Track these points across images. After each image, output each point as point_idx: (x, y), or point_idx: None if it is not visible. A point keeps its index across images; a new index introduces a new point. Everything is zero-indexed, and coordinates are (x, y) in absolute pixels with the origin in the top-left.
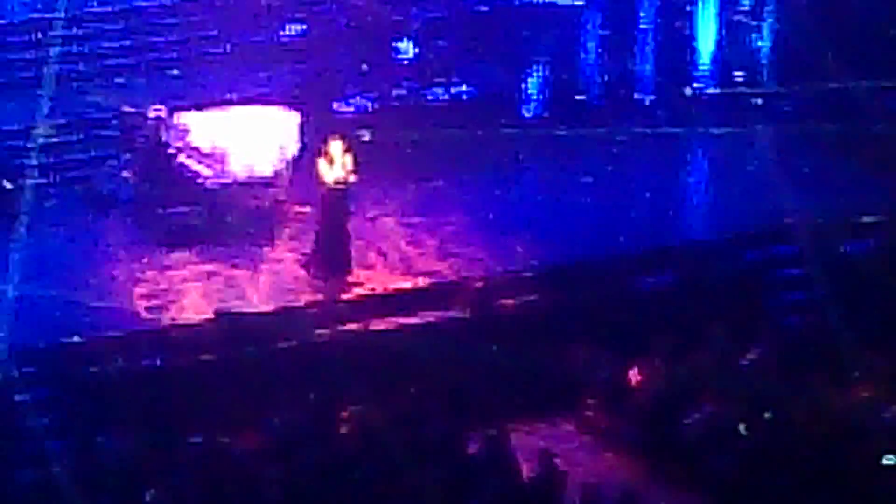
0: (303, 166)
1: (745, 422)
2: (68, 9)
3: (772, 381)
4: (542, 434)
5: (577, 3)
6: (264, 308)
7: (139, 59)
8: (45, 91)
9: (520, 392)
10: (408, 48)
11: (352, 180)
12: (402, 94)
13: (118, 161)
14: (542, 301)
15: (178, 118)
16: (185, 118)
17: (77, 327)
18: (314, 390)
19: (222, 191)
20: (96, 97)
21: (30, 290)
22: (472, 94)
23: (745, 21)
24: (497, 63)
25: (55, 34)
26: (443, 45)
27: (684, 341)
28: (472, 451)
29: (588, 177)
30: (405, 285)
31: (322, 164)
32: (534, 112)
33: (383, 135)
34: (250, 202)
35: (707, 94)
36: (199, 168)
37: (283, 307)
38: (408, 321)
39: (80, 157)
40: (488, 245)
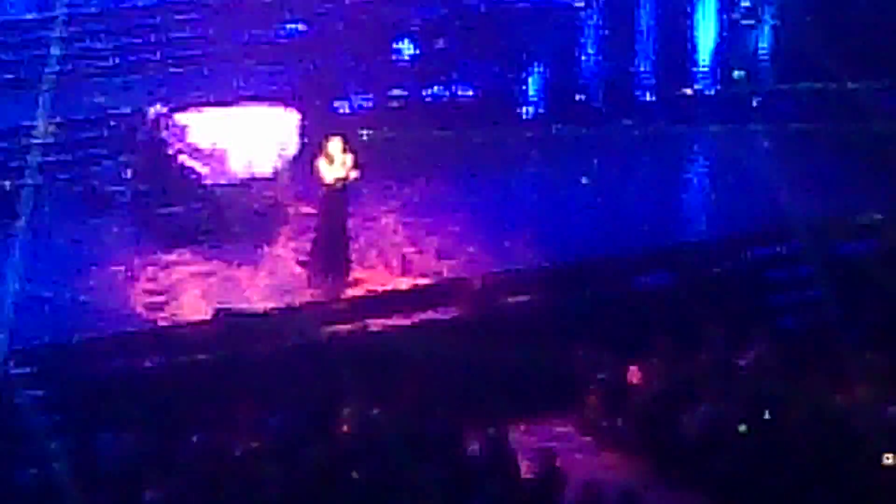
0: (302, 165)
1: (745, 422)
2: (67, 8)
3: (771, 381)
4: (542, 433)
5: (577, 3)
6: (264, 307)
7: (139, 59)
8: (44, 91)
9: (519, 391)
10: (407, 48)
11: (353, 176)
12: (402, 93)
13: (118, 161)
14: (541, 301)
15: (177, 117)
16: (185, 117)
17: (76, 327)
18: (314, 389)
19: (222, 190)
20: (96, 97)
21: (29, 290)
22: (472, 93)
23: (744, 20)
24: (497, 63)
25: (55, 33)
26: (442, 45)
27: (684, 341)
28: (471, 450)
29: (587, 177)
30: (404, 284)
31: (322, 163)
32: (533, 112)
33: (383, 134)
34: (250, 201)
35: (706, 93)
36: (199, 167)
37: (282, 306)
38: (407, 321)
39: (80, 156)
40: (488, 244)
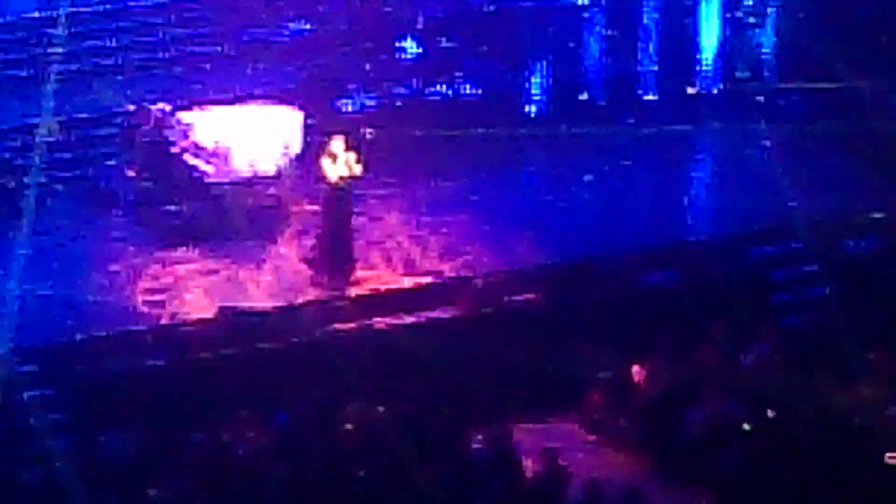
0: (306, 164)
1: (749, 420)
2: (70, 6)
3: (775, 380)
4: (546, 432)
5: (581, 1)
6: (267, 305)
7: (142, 57)
8: (47, 89)
9: (523, 390)
10: (411, 46)
11: (357, 173)
12: (406, 92)
13: (121, 159)
14: (545, 299)
15: (181, 116)
16: (189, 116)
17: (80, 325)
18: (317, 388)
19: (225, 189)
20: (99, 95)
21: (33, 288)
22: (476, 92)
23: (748, 19)
24: (500, 61)
25: (57, 32)
26: (446, 44)
27: (688, 339)
28: (475, 448)
29: (591, 175)
30: (408, 283)
31: (325, 161)
32: (537, 110)
33: (386, 133)
34: (253, 200)
35: (710, 92)
36: (203, 166)
37: (286, 305)
38: (411, 319)
39: (83, 154)
40: (491, 243)
